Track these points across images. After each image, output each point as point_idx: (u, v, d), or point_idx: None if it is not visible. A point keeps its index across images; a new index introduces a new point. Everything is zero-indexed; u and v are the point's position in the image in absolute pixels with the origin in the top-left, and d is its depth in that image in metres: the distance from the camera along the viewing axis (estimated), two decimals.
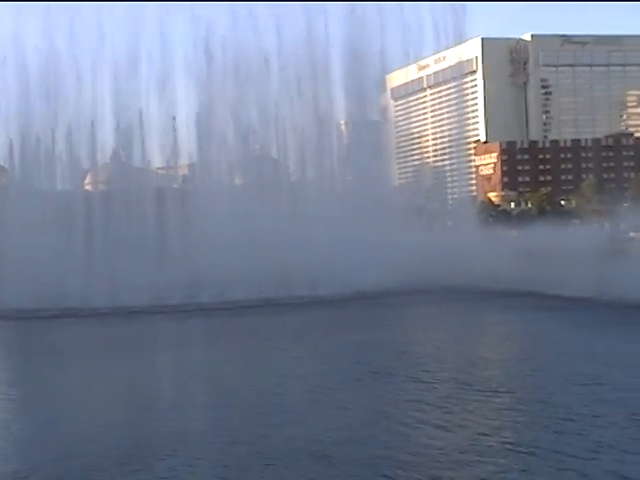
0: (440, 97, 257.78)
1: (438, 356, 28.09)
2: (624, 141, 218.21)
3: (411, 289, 52.34)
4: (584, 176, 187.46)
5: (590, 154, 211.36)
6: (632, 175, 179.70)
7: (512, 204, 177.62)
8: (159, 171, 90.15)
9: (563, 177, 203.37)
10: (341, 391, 21.79)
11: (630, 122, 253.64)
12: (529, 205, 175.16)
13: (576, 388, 21.03)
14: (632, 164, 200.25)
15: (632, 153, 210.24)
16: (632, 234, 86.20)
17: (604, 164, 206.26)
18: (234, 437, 16.97)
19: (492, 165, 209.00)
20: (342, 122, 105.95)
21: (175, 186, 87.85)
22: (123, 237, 58.50)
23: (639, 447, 15.18)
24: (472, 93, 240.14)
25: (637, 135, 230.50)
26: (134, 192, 69.67)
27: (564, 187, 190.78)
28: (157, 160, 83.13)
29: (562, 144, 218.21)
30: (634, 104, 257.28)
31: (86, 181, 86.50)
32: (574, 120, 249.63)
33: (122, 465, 15.24)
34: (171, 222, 65.50)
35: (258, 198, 74.07)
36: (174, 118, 72.78)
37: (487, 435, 16.21)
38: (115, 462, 15.44)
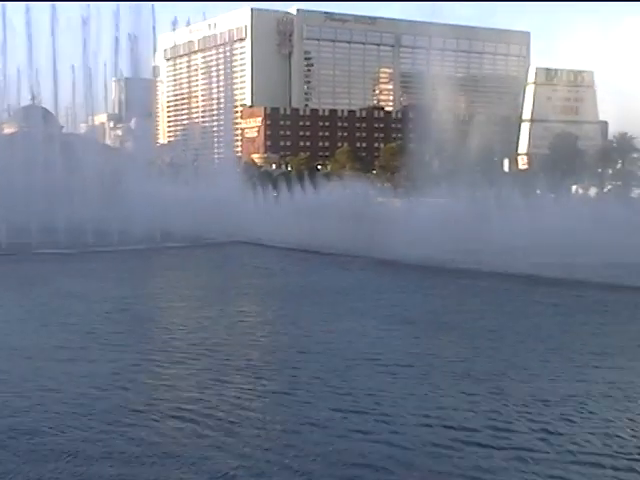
0: (210, 61, 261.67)
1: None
2: (376, 114, 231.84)
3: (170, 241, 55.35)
4: (339, 144, 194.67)
5: (345, 124, 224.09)
6: (381, 145, 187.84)
7: (274, 166, 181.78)
8: None
9: (320, 144, 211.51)
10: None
11: (381, 97, 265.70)
12: (289, 168, 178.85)
13: None
14: (382, 135, 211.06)
15: (382, 125, 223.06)
16: (380, 199, 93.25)
17: (357, 134, 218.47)
18: None
19: (256, 128, 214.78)
20: (113, 79, 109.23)
21: None
22: None
23: None
24: (240, 59, 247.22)
25: (387, 109, 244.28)
26: None
27: (321, 153, 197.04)
28: None
29: (321, 113, 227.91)
30: (386, 81, 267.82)
31: None
32: (332, 92, 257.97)
33: None
34: None
35: (29, 147, 73.53)
36: None
37: None
38: None
